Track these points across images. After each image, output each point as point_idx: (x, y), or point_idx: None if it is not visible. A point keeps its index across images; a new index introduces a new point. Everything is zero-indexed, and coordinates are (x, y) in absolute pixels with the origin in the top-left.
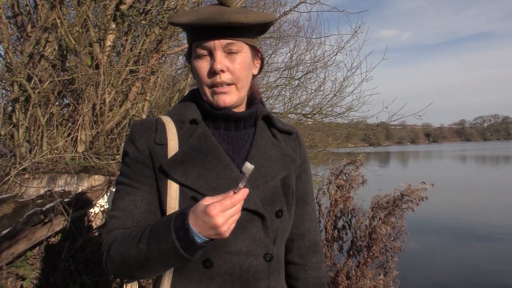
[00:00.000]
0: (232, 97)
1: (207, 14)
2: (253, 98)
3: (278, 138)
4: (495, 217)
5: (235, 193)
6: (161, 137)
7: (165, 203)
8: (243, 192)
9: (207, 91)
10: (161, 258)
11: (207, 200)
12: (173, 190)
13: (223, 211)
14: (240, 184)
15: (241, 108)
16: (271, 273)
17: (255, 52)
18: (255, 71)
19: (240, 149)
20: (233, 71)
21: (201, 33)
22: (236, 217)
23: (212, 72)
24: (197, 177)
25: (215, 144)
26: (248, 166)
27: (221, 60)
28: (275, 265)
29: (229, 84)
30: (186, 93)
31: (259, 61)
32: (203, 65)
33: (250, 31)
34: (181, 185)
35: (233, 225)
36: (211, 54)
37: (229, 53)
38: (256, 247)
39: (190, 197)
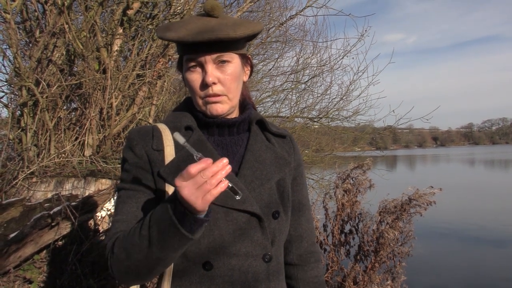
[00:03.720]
0: (224, 106)
1: (196, 29)
2: (245, 104)
3: (272, 142)
4: (504, 222)
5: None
6: (158, 143)
7: None
8: (205, 160)
9: (200, 102)
10: (161, 240)
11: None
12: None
13: (189, 179)
14: (196, 154)
15: (234, 114)
16: (270, 274)
17: (245, 59)
18: (245, 78)
19: (235, 154)
20: (224, 82)
21: (191, 48)
22: (206, 186)
23: (204, 85)
24: None
25: (210, 149)
26: (177, 137)
27: (213, 73)
28: (274, 266)
29: (220, 95)
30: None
31: (249, 68)
32: (195, 78)
33: (239, 41)
34: None
35: (208, 197)
36: (202, 66)
37: (220, 63)
38: (255, 248)
39: None
